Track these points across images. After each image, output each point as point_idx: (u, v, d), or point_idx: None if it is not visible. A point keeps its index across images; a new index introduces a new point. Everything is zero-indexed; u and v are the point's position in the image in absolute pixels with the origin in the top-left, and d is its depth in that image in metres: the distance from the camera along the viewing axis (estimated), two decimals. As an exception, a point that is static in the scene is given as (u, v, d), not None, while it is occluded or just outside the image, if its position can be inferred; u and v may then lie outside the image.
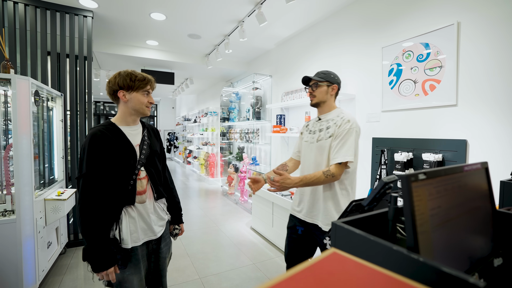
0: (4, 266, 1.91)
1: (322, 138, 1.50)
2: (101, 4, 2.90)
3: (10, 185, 2.05)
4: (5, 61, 2.04)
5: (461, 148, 1.83)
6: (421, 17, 2.14)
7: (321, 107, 1.58)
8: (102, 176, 1.18)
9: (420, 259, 0.42)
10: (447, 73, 1.95)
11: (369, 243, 0.52)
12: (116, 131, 1.26)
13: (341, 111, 1.54)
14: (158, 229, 1.37)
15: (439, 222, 0.51)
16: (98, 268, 1.14)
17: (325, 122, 1.54)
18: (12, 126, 1.95)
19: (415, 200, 0.47)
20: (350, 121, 1.44)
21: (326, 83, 1.52)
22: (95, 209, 1.16)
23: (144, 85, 1.27)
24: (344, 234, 0.59)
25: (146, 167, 1.31)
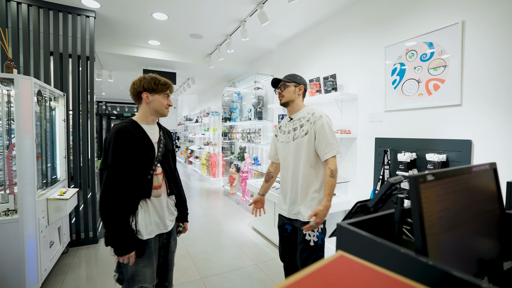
0: (7, 265, 1.92)
1: (298, 136, 1.60)
2: (103, 4, 2.90)
3: (13, 185, 2.05)
4: (8, 61, 2.05)
5: (466, 148, 1.81)
6: (424, 16, 2.12)
7: (291, 107, 1.68)
8: (125, 168, 1.27)
9: (429, 263, 0.41)
10: (452, 73, 1.93)
11: (376, 245, 0.51)
12: (138, 128, 1.36)
13: (310, 108, 1.65)
14: (169, 223, 1.46)
15: (448, 224, 0.50)
16: (121, 252, 1.25)
17: (297, 121, 1.64)
18: (15, 126, 1.95)
19: (424, 201, 0.46)
20: (322, 116, 1.57)
21: (293, 83, 1.64)
22: (117, 198, 1.25)
23: (166, 89, 1.40)
24: (349, 236, 0.58)
25: (162, 163, 1.41)
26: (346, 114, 2.86)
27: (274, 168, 1.88)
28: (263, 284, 2.29)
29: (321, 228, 1.59)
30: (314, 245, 1.56)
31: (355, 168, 2.76)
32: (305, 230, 1.54)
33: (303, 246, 1.58)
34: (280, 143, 1.72)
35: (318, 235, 1.57)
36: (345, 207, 2.76)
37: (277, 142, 1.77)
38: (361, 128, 2.69)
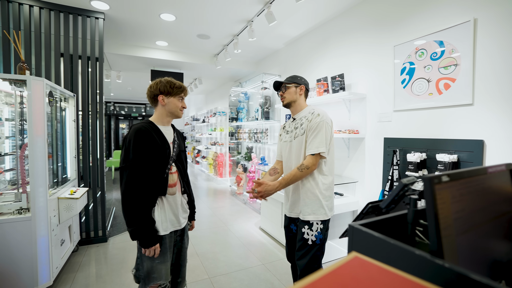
0: (20, 263, 1.96)
1: (298, 135, 1.62)
2: (112, 5, 2.94)
3: (26, 184, 2.10)
4: (21, 63, 2.09)
5: (478, 148, 1.77)
6: (435, 14, 2.09)
7: (293, 107, 1.70)
8: (144, 165, 1.33)
9: (445, 265, 0.40)
10: (463, 72, 1.89)
11: (389, 247, 0.51)
12: (156, 129, 1.42)
13: (312, 108, 1.66)
14: (182, 221, 1.52)
15: (463, 226, 0.49)
16: (147, 244, 1.31)
17: (298, 121, 1.66)
18: (27, 126, 2.00)
19: (439, 203, 0.45)
20: (320, 115, 1.57)
21: (294, 84, 1.67)
22: (140, 194, 1.31)
23: (180, 92, 1.46)
24: (362, 236, 0.57)
25: (176, 163, 1.48)
26: (354, 114, 2.83)
27: (281, 166, 1.88)
28: (271, 285, 2.29)
29: (320, 228, 1.58)
30: (311, 244, 1.56)
31: (363, 169, 2.73)
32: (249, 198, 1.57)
33: (301, 244, 1.59)
34: (283, 143, 1.76)
35: (316, 235, 1.56)
36: (353, 207, 2.73)
37: (281, 142, 1.81)
38: (370, 128, 2.66)
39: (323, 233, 1.59)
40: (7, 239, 1.93)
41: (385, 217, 0.66)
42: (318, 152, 1.51)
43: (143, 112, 12.92)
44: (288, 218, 1.74)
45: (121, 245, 3.07)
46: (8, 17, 2.67)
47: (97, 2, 2.86)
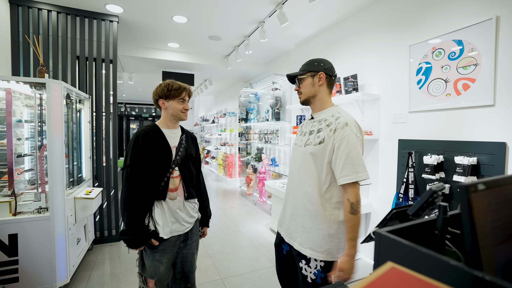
0: (40, 261, 2.02)
1: (310, 143, 1.24)
2: (126, 9, 2.99)
3: (44, 184, 2.16)
4: (41, 66, 2.15)
5: (500, 151, 1.72)
6: (453, 13, 2.03)
7: (313, 104, 1.31)
8: (141, 169, 1.35)
9: (486, 278, 0.39)
10: (483, 71, 1.83)
11: (421, 256, 0.49)
12: (158, 133, 1.42)
13: (336, 110, 1.24)
14: (186, 225, 1.48)
15: (500, 235, 0.47)
16: (131, 244, 1.34)
17: (317, 123, 1.28)
18: (46, 128, 2.05)
19: (475, 212, 0.44)
20: (347, 124, 1.15)
21: (309, 73, 1.27)
22: (133, 195, 1.33)
23: (179, 94, 1.42)
24: (389, 244, 0.56)
25: (180, 167, 1.43)
26: (367, 115, 2.79)
27: None
28: (283, 287, 2.28)
29: (321, 266, 1.20)
30: (311, 282, 1.22)
31: (376, 171, 2.69)
32: (331, 277, 1.18)
33: (302, 278, 1.26)
34: (294, 145, 1.41)
35: (316, 273, 1.21)
36: (367, 210, 2.69)
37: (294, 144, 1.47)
38: (383, 129, 2.61)
39: (324, 272, 1.21)
40: (27, 238, 1.99)
41: (410, 224, 0.64)
42: (358, 180, 1.11)
43: (153, 113, 13.11)
44: (281, 237, 1.38)
45: (134, 245, 3.12)
46: (28, 22, 2.76)
47: (112, 6, 2.91)
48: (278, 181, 3.71)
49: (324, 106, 1.29)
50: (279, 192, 3.26)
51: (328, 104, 1.30)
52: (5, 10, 2.64)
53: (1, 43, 2.55)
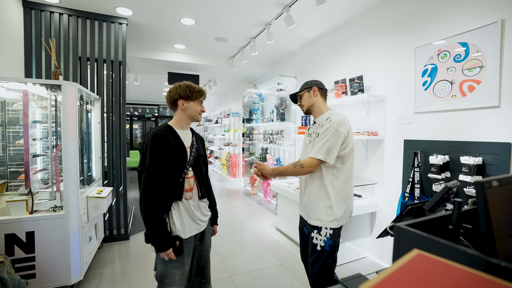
0: (55, 258, 2.08)
1: (312, 140, 1.63)
2: (135, 11, 3.05)
3: (59, 183, 2.21)
4: (55, 69, 2.21)
5: (505, 151, 1.76)
6: (458, 15, 2.08)
7: (313, 111, 1.71)
8: (160, 170, 1.34)
9: (502, 264, 0.43)
10: (489, 73, 1.88)
11: (439, 246, 0.54)
12: (173, 133, 1.43)
13: (331, 113, 1.63)
14: (202, 224, 1.51)
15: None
16: (161, 249, 1.31)
17: (318, 125, 1.65)
18: (61, 128, 2.11)
19: (490, 206, 0.49)
20: (332, 120, 1.54)
21: (305, 90, 1.69)
22: (156, 198, 1.32)
23: (200, 96, 1.47)
24: (408, 237, 0.61)
25: (193, 168, 1.45)
26: (372, 116, 2.84)
27: None
28: (291, 284, 2.32)
29: (330, 233, 1.53)
30: (320, 249, 1.53)
31: (382, 170, 2.73)
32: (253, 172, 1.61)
33: (312, 248, 1.58)
34: (303, 145, 1.78)
35: (325, 240, 1.53)
36: (372, 209, 2.74)
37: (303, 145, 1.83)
38: (389, 130, 2.66)
39: (333, 239, 1.53)
40: (43, 235, 2.05)
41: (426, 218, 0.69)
42: (315, 158, 1.50)
43: (156, 113, 13.19)
44: (302, 220, 1.75)
45: (142, 243, 3.17)
46: (40, 25, 2.82)
47: (121, 9, 2.97)
48: (284, 181, 3.76)
49: (321, 111, 1.68)
50: (285, 191, 3.31)
51: (324, 110, 1.68)
52: (18, 14, 2.70)
53: (15, 46, 2.62)
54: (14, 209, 2.03)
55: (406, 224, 0.65)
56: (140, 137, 13.44)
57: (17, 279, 1.58)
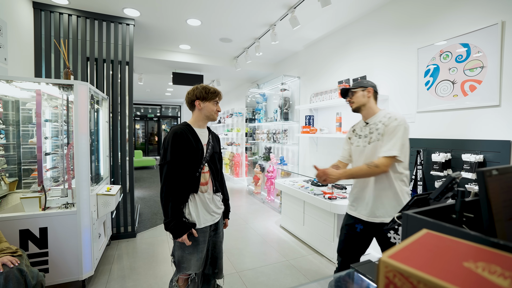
0: (67, 253, 2.14)
1: (374, 140, 1.60)
2: (143, 12, 3.11)
3: (71, 180, 2.27)
4: (67, 69, 2.27)
5: (505, 149, 1.81)
6: (460, 17, 2.13)
7: (364, 111, 1.69)
8: (179, 165, 1.46)
9: (500, 242, 0.49)
10: (489, 74, 1.93)
11: (445, 230, 0.59)
12: (192, 131, 1.55)
13: (387, 112, 1.63)
14: (216, 216, 1.62)
15: (510, 213, 0.57)
16: (176, 235, 1.44)
17: (373, 125, 1.63)
18: (73, 127, 2.17)
19: (490, 192, 0.54)
20: (397, 119, 1.54)
21: (360, 88, 1.67)
22: (175, 189, 1.44)
23: (215, 97, 1.57)
24: (416, 223, 0.66)
25: (209, 163, 1.57)
26: (376, 115, 2.89)
27: (343, 167, 1.85)
28: (297, 280, 2.38)
29: None
30: None
31: (385, 168, 2.78)
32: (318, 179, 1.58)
33: (389, 246, 1.57)
34: (356, 147, 1.73)
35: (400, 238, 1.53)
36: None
37: (352, 146, 1.78)
38: (392, 128, 2.71)
39: None
40: (56, 231, 2.11)
41: (431, 207, 0.75)
42: (390, 155, 1.46)
43: (158, 113, 13.27)
44: (355, 218, 1.71)
45: (149, 240, 3.24)
46: (50, 26, 2.89)
47: (129, 10, 3.04)
48: (288, 179, 3.82)
49: (374, 112, 1.67)
50: (289, 189, 3.36)
51: (376, 110, 1.68)
52: (29, 15, 2.77)
53: (26, 46, 2.68)
54: (27, 205, 2.09)
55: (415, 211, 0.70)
56: (142, 137, 13.53)
57: (35, 272, 1.64)
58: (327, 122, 3.68)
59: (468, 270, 0.33)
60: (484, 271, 0.32)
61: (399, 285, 0.35)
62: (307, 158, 4.14)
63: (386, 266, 0.36)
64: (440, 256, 0.39)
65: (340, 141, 3.42)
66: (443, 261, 0.37)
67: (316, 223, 2.92)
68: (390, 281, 0.36)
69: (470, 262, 0.36)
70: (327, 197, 2.75)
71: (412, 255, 0.39)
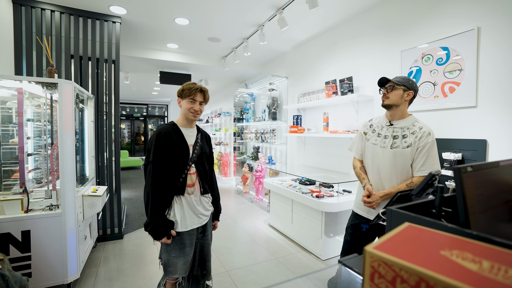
0: (52, 257, 2.08)
1: (398, 146, 1.55)
2: (130, 10, 3.06)
3: (55, 181, 2.21)
4: (50, 67, 2.21)
5: (481, 147, 1.92)
6: (440, 22, 2.23)
7: (393, 111, 1.60)
8: (163, 164, 1.44)
9: (473, 233, 0.53)
10: (467, 76, 2.03)
11: (425, 223, 0.64)
12: (177, 131, 1.52)
13: (415, 120, 1.59)
14: (203, 218, 1.59)
15: (483, 206, 0.62)
16: (156, 237, 1.43)
17: (399, 130, 1.58)
18: (58, 126, 2.11)
19: (465, 187, 0.58)
20: (430, 134, 1.52)
21: (403, 87, 1.55)
22: (157, 190, 1.42)
23: (189, 94, 1.50)
24: (399, 217, 0.70)
25: (196, 164, 1.54)
26: (361, 115, 2.97)
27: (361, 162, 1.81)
28: (286, 277, 2.42)
29: None
30: None
31: (370, 167, 2.87)
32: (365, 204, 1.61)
33: None
34: (371, 144, 1.67)
35: None
36: (361, 204, 2.87)
37: (367, 142, 1.71)
38: (377, 128, 2.80)
39: None
40: (40, 234, 2.05)
41: (413, 203, 0.79)
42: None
43: (144, 113, 13.03)
44: (361, 218, 1.72)
45: (137, 242, 3.19)
46: (31, 22, 2.79)
47: (115, 7, 2.98)
48: (276, 179, 3.86)
49: (404, 115, 1.61)
50: (278, 188, 3.40)
51: (407, 115, 1.62)
52: (8, 10, 2.66)
53: (4, 43, 2.58)
54: (8, 208, 2.02)
55: (398, 207, 0.74)
56: (128, 137, 13.24)
57: (18, 276, 1.59)
58: (315, 122, 3.75)
59: (444, 257, 0.37)
60: (458, 258, 0.36)
61: (383, 273, 0.38)
62: (295, 157, 4.20)
63: (371, 256, 0.39)
64: (420, 246, 0.42)
65: (327, 141, 3.49)
66: (423, 250, 0.40)
67: (304, 221, 2.97)
68: (375, 270, 0.39)
69: (446, 251, 0.39)
70: (314, 195, 2.80)
71: (395, 246, 0.42)
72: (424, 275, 0.31)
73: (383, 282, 0.37)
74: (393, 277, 0.35)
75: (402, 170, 1.56)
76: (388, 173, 1.59)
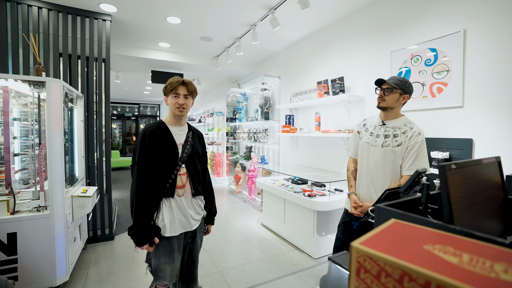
0: (39, 259, 2.04)
1: (388, 145, 1.60)
2: (120, 8, 3.02)
3: (43, 182, 2.17)
4: (38, 65, 2.16)
5: (467, 146, 1.97)
6: (428, 24, 2.28)
7: (388, 112, 1.66)
8: (149, 165, 1.37)
9: (457, 228, 0.55)
10: (454, 77, 2.08)
11: (411, 219, 0.65)
12: (165, 130, 1.45)
13: (407, 120, 1.64)
14: (194, 222, 1.51)
15: (466, 202, 0.64)
16: (138, 243, 1.33)
17: (391, 129, 1.63)
18: (46, 126, 2.07)
19: (450, 184, 0.60)
20: (420, 134, 1.56)
21: (400, 91, 1.59)
22: (142, 192, 1.34)
23: (172, 89, 1.43)
24: (387, 214, 0.72)
25: (187, 164, 1.46)
26: (353, 115, 3.01)
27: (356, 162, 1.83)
28: (278, 275, 2.43)
29: None
30: None
31: (361, 166, 2.91)
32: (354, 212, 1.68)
33: None
34: (364, 143, 1.71)
35: None
36: (352, 203, 2.90)
37: (359, 140, 1.76)
38: (367, 128, 2.84)
39: None
40: (27, 236, 2.00)
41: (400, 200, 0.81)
42: None
43: (136, 112, 12.86)
44: (351, 215, 1.75)
45: (128, 243, 3.15)
46: (17, 19, 2.72)
47: (105, 5, 2.93)
48: (269, 178, 3.87)
49: (396, 117, 1.66)
50: (270, 188, 3.41)
51: (399, 115, 1.67)
52: (-7, 7, 2.59)
53: (-9, 40, 2.51)
54: (-6, 209, 1.97)
55: (386, 204, 0.76)
56: (119, 137, 13.05)
57: (4, 280, 1.55)
58: (307, 121, 3.78)
59: (427, 251, 0.38)
60: (440, 252, 0.37)
61: (368, 268, 0.39)
62: (288, 157, 4.22)
63: (357, 251, 0.40)
64: (404, 241, 0.43)
65: (319, 140, 3.52)
66: (407, 245, 0.41)
67: (297, 220, 2.99)
68: (361, 265, 0.40)
69: (429, 245, 0.40)
70: (307, 194, 2.82)
71: (381, 241, 0.43)
72: (407, 268, 0.32)
73: (368, 277, 0.38)
74: (378, 271, 0.36)
75: (392, 169, 1.60)
76: (380, 171, 1.63)
